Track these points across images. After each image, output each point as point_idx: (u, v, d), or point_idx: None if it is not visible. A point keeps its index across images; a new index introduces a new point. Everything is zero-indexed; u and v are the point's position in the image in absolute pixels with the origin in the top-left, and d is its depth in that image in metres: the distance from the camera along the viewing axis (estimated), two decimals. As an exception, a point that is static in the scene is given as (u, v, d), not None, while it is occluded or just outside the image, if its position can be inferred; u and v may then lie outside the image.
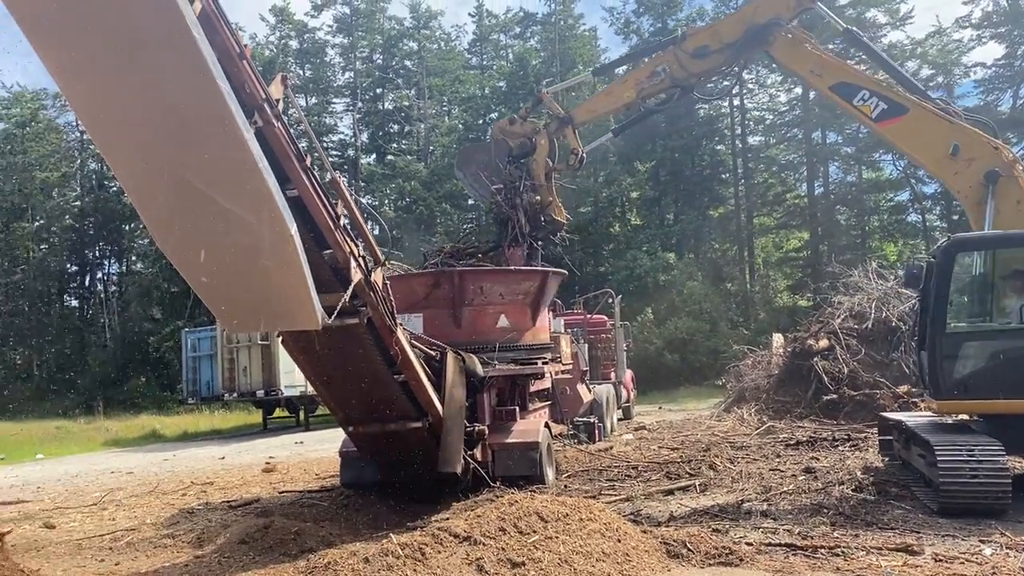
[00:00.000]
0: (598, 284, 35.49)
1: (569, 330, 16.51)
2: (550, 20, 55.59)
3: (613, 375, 19.92)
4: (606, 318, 21.49)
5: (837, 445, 12.73)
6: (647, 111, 13.15)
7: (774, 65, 32.78)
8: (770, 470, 10.77)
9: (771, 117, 47.76)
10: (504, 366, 10.24)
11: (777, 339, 21.03)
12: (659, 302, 39.27)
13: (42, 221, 56.78)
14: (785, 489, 9.18)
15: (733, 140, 48.32)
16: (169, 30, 4.51)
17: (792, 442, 13.39)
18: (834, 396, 15.95)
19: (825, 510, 7.97)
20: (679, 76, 11.92)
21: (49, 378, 50.84)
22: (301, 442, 20.59)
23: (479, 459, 9.50)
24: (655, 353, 35.40)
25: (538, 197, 12.46)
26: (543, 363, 11.14)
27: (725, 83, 15.76)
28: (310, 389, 22.30)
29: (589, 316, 20.68)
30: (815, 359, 16.73)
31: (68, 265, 58.35)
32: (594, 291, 25.86)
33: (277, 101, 5.89)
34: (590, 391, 16.47)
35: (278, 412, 28.00)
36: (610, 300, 21.44)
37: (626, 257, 42.50)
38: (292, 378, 23.71)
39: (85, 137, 55.77)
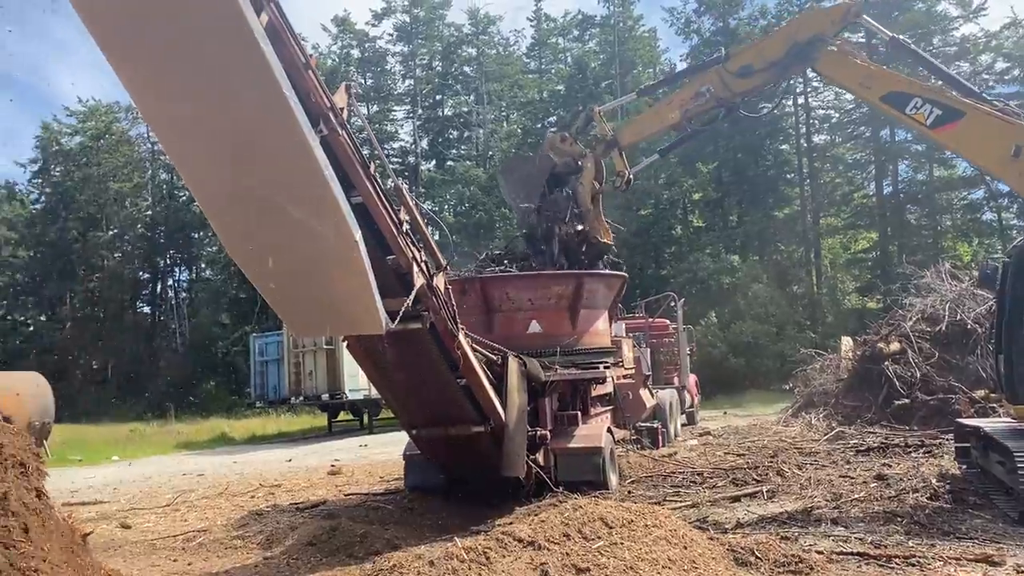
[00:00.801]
0: (660, 287, 35.10)
1: (631, 334, 16.38)
2: (609, 22, 55.38)
3: (676, 380, 19.69)
4: (668, 322, 21.26)
5: (910, 452, 12.35)
6: (693, 132, 13.04)
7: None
8: (840, 477, 10.50)
9: (837, 115, 46.68)
10: (565, 370, 10.20)
11: (846, 343, 20.53)
12: (723, 305, 38.71)
13: (116, 230, 58.81)
14: (856, 496, 8.94)
15: (798, 139, 47.38)
16: (238, 43, 4.61)
17: (863, 448, 13.03)
18: (906, 401, 15.50)
19: (899, 518, 7.73)
20: (723, 96, 11.77)
21: (123, 382, 52.56)
22: (365, 445, 20.86)
23: (541, 464, 9.48)
24: (719, 357, 34.90)
25: (580, 226, 12.34)
26: (605, 367, 11.06)
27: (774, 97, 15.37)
28: (373, 393, 22.63)
29: (651, 320, 20.50)
30: (886, 363, 16.29)
31: (140, 273, 60.28)
32: (656, 295, 25.61)
33: (341, 110, 5.98)
34: (653, 396, 16.30)
35: (342, 415, 28.45)
36: (672, 304, 21.22)
37: (688, 260, 42.01)
38: (356, 382, 24.08)
39: (156, 148, 57.68)
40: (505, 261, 12.05)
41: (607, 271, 11.65)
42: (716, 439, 16.79)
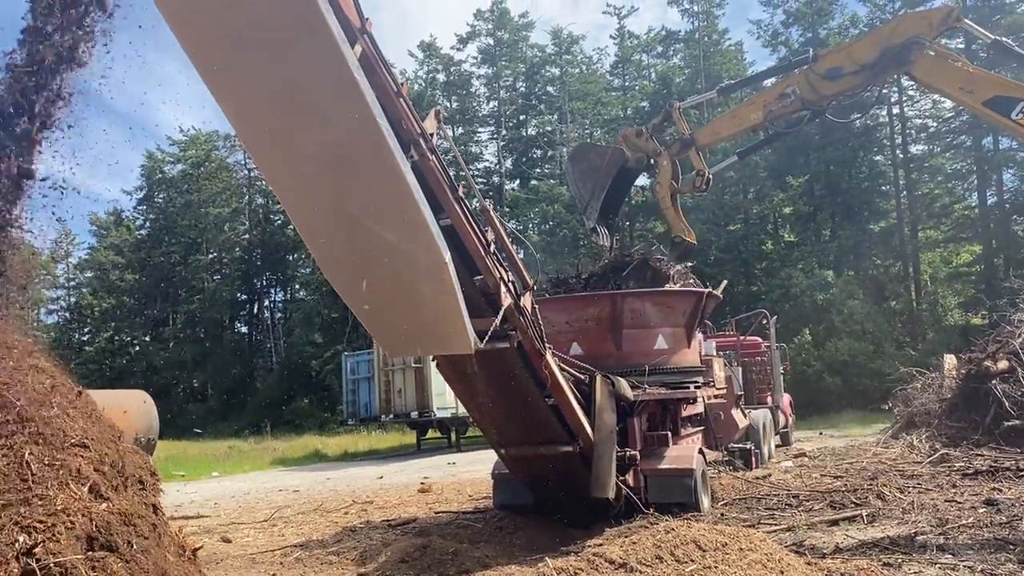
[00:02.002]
0: (750, 304, 34.36)
1: (721, 353, 16.06)
2: (693, 37, 54.88)
3: (769, 399, 19.19)
4: (760, 340, 20.76)
5: (1022, 476, 11.69)
6: (775, 134, 12.61)
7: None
8: (945, 501, 10.01)
9: (935, 124, 44.92)
10: (655, 390, 10.08)
11: (949, 360, 19.60)
12: (817, 322, 37.59)
13: (215, 254, 61.40)
14: (964, 522, 8.50)
15: (893, 150, 45.78)
16: (334, 74, 4.79)
17: (969, 471, 12.39)
18: (1017, 422, 14.67)
19: (1011, 546, 7.31)
20: (810, 98, 11.34)
21: (222, 400, 54.56)
22: (454, 463, 21.04)
23: (631, 485, 9.38)
24: (814, 376, 33.87)
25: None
26: (695, 387, 10.88)
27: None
28: (461, 411, 22.83)
29: (742, 338, 20.06)
30: (994, 382, 15.46)
31: (238, 294, 62.67)
32: (746, 312, 25.06)
33: (431, 135, 6.12)
34: (745, 416, 15.93)
35: (431, 433, 28.77)
36: (764, 321, 20.72)
37: (780, 276, 41.02)
38: (444, 400, 24.35)
39: (252, 174, 60.03)
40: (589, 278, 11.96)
41: (698, 288, 11.44)
42: (812, 460, 16.26)
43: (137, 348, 61.95)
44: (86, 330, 61.91)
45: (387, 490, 15.55)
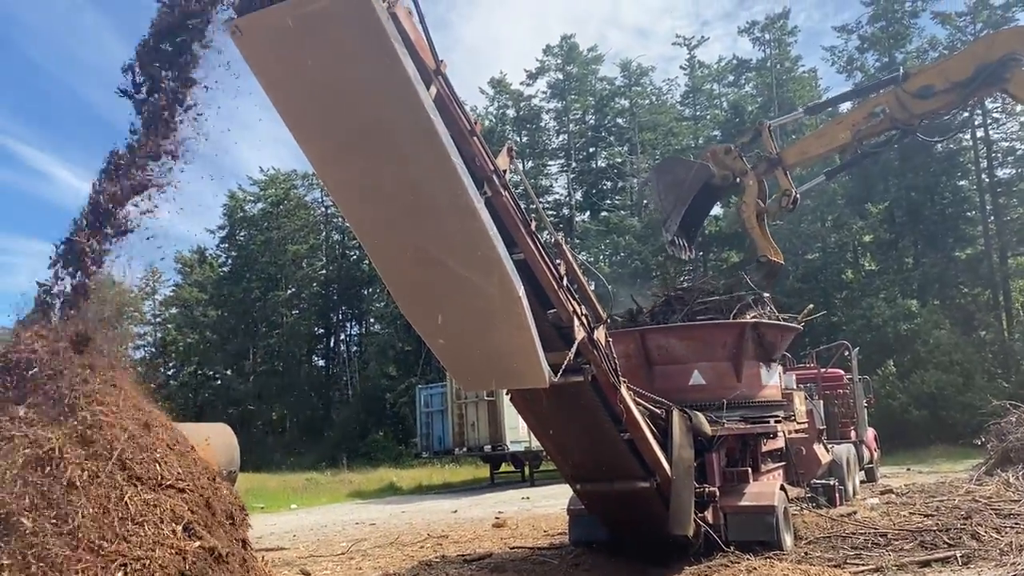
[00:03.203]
0: (831, 335, 33.42)
1: (802, 386, 15.63)
2: (765, 65, 54.32)
3: (853, 434, 18.55)
4: (842, 372, 20.15)
5: None
6: (863, 154, 12.33)
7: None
8: (1049, 543, 9.45)
9: (1023, 147, 43.26)
10: (733, 424, 9.86)
11: (1047, 393, 18.65)
12: (901, 353, 36.29)
13: (293, 289, 63.01)
14: (1069, 567, 8.02)
15: (979, 175, 44.17)
16: (410, 116, 4.92)
17: (1073, 512, 11.70)
18: (1124, 459, 13.84)
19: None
20: (900, 117, 11.06)
21: (300, 432, 55.56)
22: (527, 497, 20.92)
23: (711, 522, 9.15)
24: (900, 409, 32.62)
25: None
26: (775, 421, 10.60)
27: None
28: (534, 444, 22.74)
29: (823, 370, 19.49)
30: (1096, 416, 14.64)
31: (315, 328, 64.06)
32: (827, 343, 24.37)
33: (504, 171, 6.19)
34: (828, 451, 15.43)
35: (504, 467, 28.70)
36: (846, 353, 20.11)
37: (861, 305, 39.80)
38: (517, 433, 24.31)
39: (329, 211, 61.62)
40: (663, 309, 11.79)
41: (778, 321, 11.18)
42: (899, 497, 15.59)
43: (219, 381, 63.82)
44: (171, 364, 64.06)
45: (462, 524, 15.54)
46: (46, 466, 3.32)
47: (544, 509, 16.95)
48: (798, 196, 12.68)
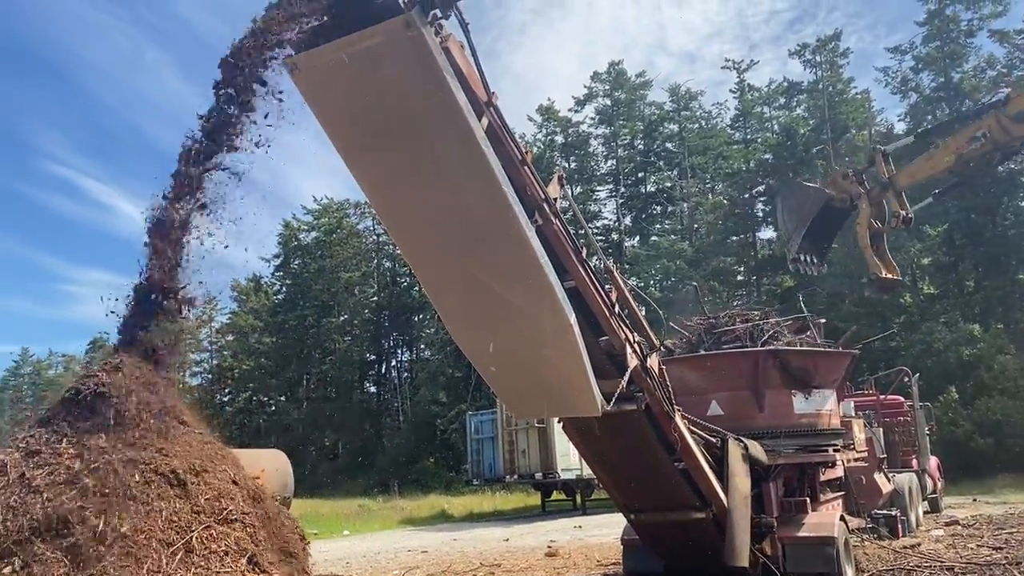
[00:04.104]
0: (889, 361, 32.59)
1: (861, 413, 15.25)
2: (817, 87, 53.65)
3: (915, 463, 18.02)
4: (902, 399, 19.61)
5: None
6: (969, 174, 12.68)
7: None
8: None
9: (1088, 165, 41.86)
10: (791, 453, 9.64)
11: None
12: (964, 379, 35.13)
13: (345, 316, 63.83)
14: None
15: (1042, 194, 42.91)
16: (463, 147, 4.99)
17: None
18: None
19: None
20: (1001, 140, 11.52)
21: (352, 458, 55.94)
22: (579, 526, 20.69)
23: (768, 553, 8.93)
24: (964, 437, 31.54)
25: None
26: (834, 450, 10.34)
27: None
28: (586, 472, 22.53)
29: (882, 397, 19.00)
30: None
31: (367, 354, 64.68)
32: (885, 369, 23.77)
33: (555, 199, 6.21)
34: (889, 480, 15.00)
35: (556, 495, 28.47)
36: (906, 379, 19.58)
37: (921, 330, 38.74)
38: (568, 461, 24.11)
39: (380, 239, 62.44)
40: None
41: (833, 348, 10.96)
42: (966, 529, 15.06)
43: (273, 407, 64.76)
44: (227, 390, 65.23)
45: (514, 553, 15.44)
46: (114, 497, 3.41)
47: (597, 538, 16.74)
48: (911, 216, 13.57)
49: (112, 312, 4.25)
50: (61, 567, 3.11)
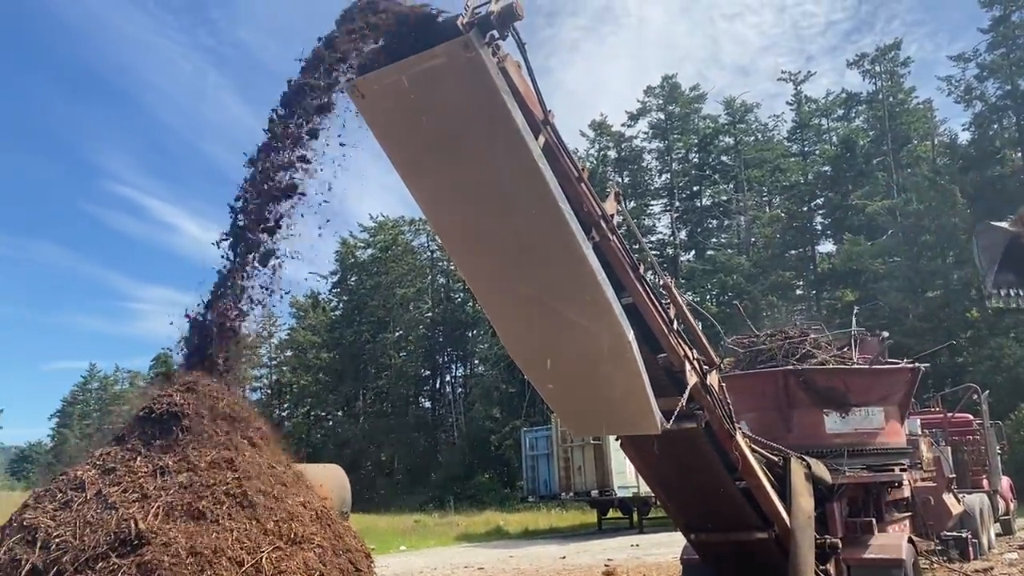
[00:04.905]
0: (956, 377, 31.60)
1: (927, 431, 14.80)
2: (877, 98, 52.59)
3: (986, 483, 17.38)
4: (971, 417, 18.98)
5: None
6: None
7: None
8: None
9: None
10: (855, 473, 9.41)
11: None
12: (1036, 397, 33.86)
13: (401, 332, 64.43)
14: None
15: (1118, 203, 41.26)
16: (520, 165, 5.03)
17: None
18: None
19: None
20: None
21: (407, 474, 56.25)
22: (637, 545, 20.45)
23: (833, 575, 8.71)
24: (1037, 457, 30.34)
25: None
26: (900, 469, 10.06)
27: None
28: (643, 490, 22.27)
29: (950, 415, 18.41)
30: None
31: (422, 370, 65.12)
32: (952, 386, 23.04)
33: (611, 216, 6.19)
34: (959, 501, 14.51)
35: (612, 512, 28.20)
36: (975, 396, 18.95)
37: (990, 345, 37.49)
38: (624, 479, 23.88)
39: (435, 256, 63.01)
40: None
41: (901, 363, 10.67)
42: (1043, 554, 14.49)
43: (331, 422, 65.58)
44: (285, 406, 66.28)
45: (571, 571, 15.33)
46: (186, 516, 3.49)
47: (655, 557, 16.52)
48: None
49: (178, 331, 4.38)
50: (134, 582, 3.19)
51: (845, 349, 11.02)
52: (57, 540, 3.39)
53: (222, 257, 4.56)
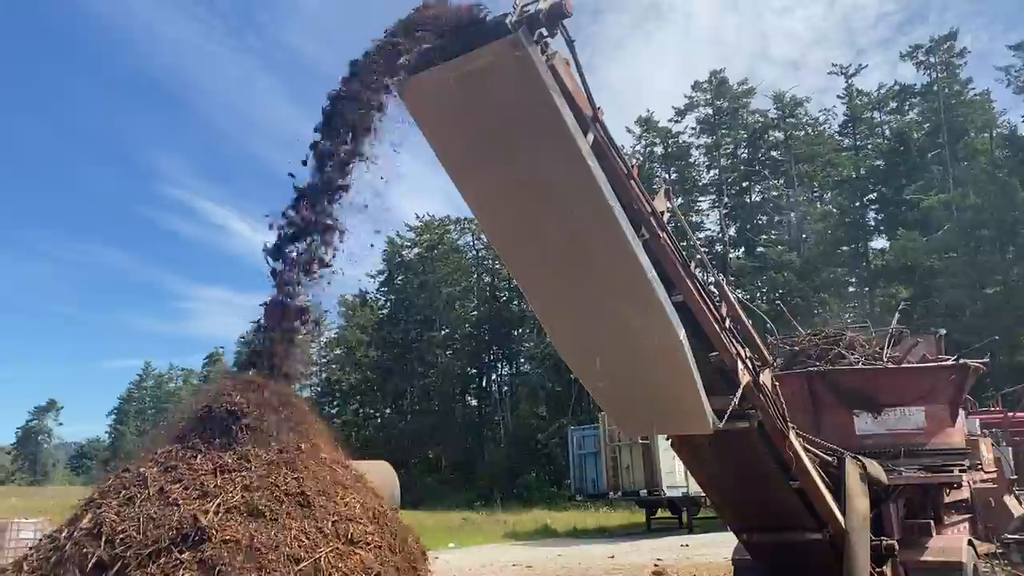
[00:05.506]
0: (1017, 376, 30.67)
1: (987, 431, 14.39)
2: (932, 90, 51.30)
3: (1050, 485, 16.84)
4: (1033, 416, 18.41)
5: None
6: None
7: None
8: None
9: None
10: (912, 473, 9.20)
11: None
12: (1103, 393, 32.73)
13: (447, 330, 64.83)
14: None
15: None
16: (569, 163, 5.01)
17: None
18: None
19: None
20: None
21: (454, 471, 56.57)
22: (686, 545, 20.28)
23: (890, 578, 8.54)
24: (1104, 457, 29.34)
25: None
26: (959, 470, 9.80)
27: None
28: (692, 490, 22.09)
29: (1011, 414, 17.89)
30: None
31: (468, 368, 65.42)
32: (1013, 384, 22.38)
33: (662, 213, 6.13)
34: (1021, 503, 14.08)
35: (660, 512, 28.00)
36: (1037, 395, 18.39)
37: (1051, 342, 36.41)
38: (673, 478, 23.70)
39: (480, 255, 63.21)
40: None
41: (962, 361, 10.38)
42: (1112, 559, 13.98)
43: (379, 420, 66.26)
44: (335, 403, 67.13)
45: (620, 570, 15.27)
46: (246, 514, 3.56)
47: (705, 558, 16.37)
48: None
49: (232, 330, 4.48)
50: (194, 578, 3.27)
51: (889, 347, 10.78)
52: (121, 535, 3.48)
53: (273, 259, 4.63)
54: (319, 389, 67.20)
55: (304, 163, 4.73)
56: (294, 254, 4.60)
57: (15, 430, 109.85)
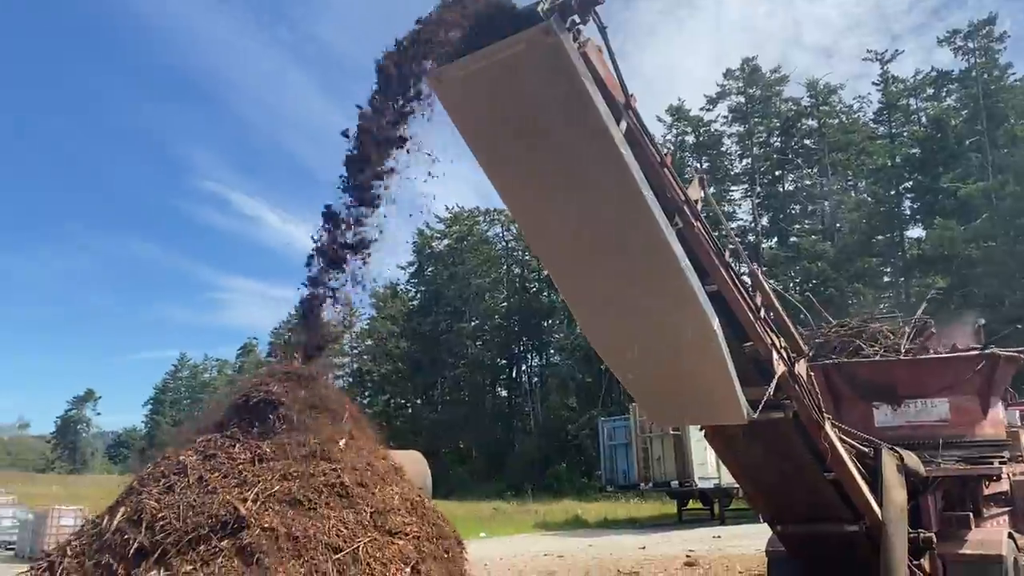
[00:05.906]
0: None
1: (1028, 423, 14.10)
2: (970, 76, 50.25)
3: (1092, 478, 16.48)
4: (1075, 408, 18.01)
5: None
6: None
7: None
8: None
9: None
10: (950, 465, 9.05)
11: None
12: None
13: (476, 321, 64.99)
14: None
15: None
16: (602, 151, 4.95)
17: None
18: None
19: None
20: None
21: (485, 461, 56.77)
22: (719, 536, 20.17)
23: (927, 571, 8.40)
24: None
25: None
26: (1000, 462, 9.61)
27: None
28: (724, 481, 21.94)
29: (1052, 406, 17.50)
30: None
31: (498, 359, 65.55)
32: (1054, 375, 21.89)
33: (696, 202, 6.06)
34: (1063, 497, 13.79)
35: (692, 503, 27.89)
36: (1079, 386, 17.98)
37: (1094, 332, 35.56)
38: (705, 470, 23.57)
39: (510, 246, 63.19)
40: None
41: (1009, 350, 10.17)
42: None
43: (410, 410, 66.67)
44: (367, 394, 67.64)
45: (651, 561, 15.22)
46: (284, 503, 3.60)
47: (737, 549, 16.26)
48: None
49: (265, 321, 4.55)
50: (233, 564, 3.30)
51: (924, 338, 10.59)
52: (161, 522, 3.53)
53: (315, 263, 4.67)
54: (351, 380, 67.73)
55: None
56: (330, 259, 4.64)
57: (55, 420, 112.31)
